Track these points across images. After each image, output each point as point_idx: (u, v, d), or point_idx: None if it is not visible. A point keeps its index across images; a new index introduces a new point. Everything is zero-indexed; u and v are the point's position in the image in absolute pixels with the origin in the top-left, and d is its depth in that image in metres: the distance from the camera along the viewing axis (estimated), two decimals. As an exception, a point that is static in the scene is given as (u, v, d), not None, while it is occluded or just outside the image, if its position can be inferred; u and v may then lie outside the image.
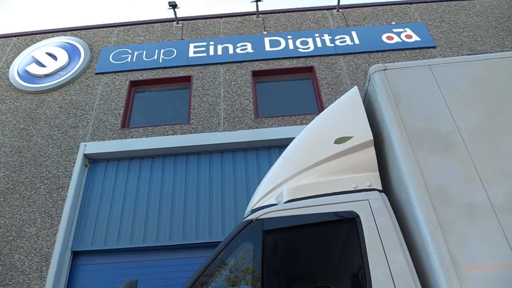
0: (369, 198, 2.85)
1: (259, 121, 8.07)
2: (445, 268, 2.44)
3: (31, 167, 7.81)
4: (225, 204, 7.13)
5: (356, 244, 2.68)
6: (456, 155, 2.86)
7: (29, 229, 7.07)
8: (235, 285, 2.76)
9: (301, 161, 3.29)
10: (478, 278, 2.44)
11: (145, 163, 7.79)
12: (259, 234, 2.70)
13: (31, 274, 6.64)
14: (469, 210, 2.64)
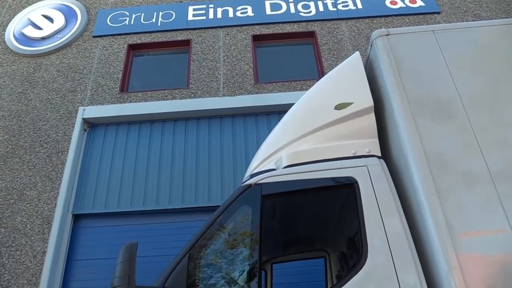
0: (367, 164, 2.86)
1: (258, 86, 7.99)
2: (440, 233, 2.48)
3: (30, 131, 7.80)
4: (224, 169, 7.17)
5: (353, 209, 2.71)
6: (456, 122, 2.85)
7: (30, 192, 7.14)
8: (234, 247, 2.81)
9: (301, 126, 3.28)
10: (472, 243, 2.48)
11: (144, 128, 7.78)
12: (258, 199, 2.72)
13: (33, 236, 6.76)
14: (467, 177, 2.65)
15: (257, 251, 2.64)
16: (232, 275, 2.76)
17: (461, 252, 2.43)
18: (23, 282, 6.43)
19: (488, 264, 2.44)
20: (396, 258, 2.48)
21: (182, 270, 2.52)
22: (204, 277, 2.71)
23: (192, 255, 2.60)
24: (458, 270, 2.38)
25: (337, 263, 4.01)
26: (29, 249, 6.65)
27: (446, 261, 2.42)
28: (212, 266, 2.76)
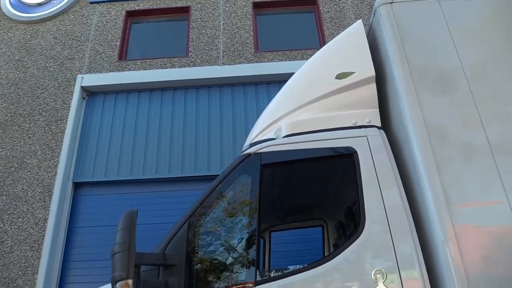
0: (367, 134, 2.85)
1: (259, 55, 7.88)
2: (438, 204, 2.49)
3: (28, 99, 7.75)
4: (224, 138, 7.17)
5: (352, 179, 2.72)
6: (458, 94, 2.82)
7: (30, 160, 7.16)
8: (233, 216, 2.84)
9: (301, 96, 3.24)
10: (469, 214, 2.50)
11: (144, 97, 7.73)
12: (257, 168, 2.72)
13: (35, 204, 6.83)
14: (466, 149, 2.64)
15: (255, 219, 2.67)
16: (231, 242, 2.79)
17: (458, 222, 2.45)
18: (25, 248, 6.55)
19: (483, 235, 2.46)
20: (393, 228, 2.51)
21: (182, 237, 2.55)
22: (204, 244, 2.75)
23: (192, 222, 2.63)
24: (454, 240, 2.41)
25: (334, 232, 4.06)
26: (31, 216, 6.74)
27: (443, 231, 2.44)
28: (211, 233, 2.79)
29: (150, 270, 2.48)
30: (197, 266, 2.62)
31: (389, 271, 2.39)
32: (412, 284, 2.37)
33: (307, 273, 2.45)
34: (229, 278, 2.64)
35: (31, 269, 6.39)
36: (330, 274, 2.43)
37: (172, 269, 2.45)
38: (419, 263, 2.41)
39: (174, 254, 2.48)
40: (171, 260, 2.46)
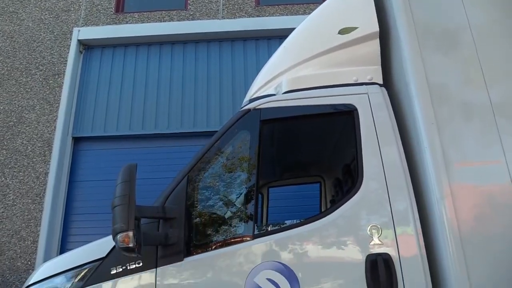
0: (368, 92, 2.81)
1: (260, 9, 7.66)
2: (435, 162, 2.50)
3: (24, 52, 7.61)
4: (223, 94, 7.12)
5: (351, 136, 2.71)
6: (463, 52, 2.76)
7: (29, 115, 7.14)
8: (232, 171, 2.86)
9: (302, 51, 3.17)
10: (466, 173, 2.51)
11: (142, 51, 7.59)
12: (257, 124, 2.70)
13: (35, 158, 6.88)
14: (467, 109, 2.62)
15: (254, 175, 2.68)
16: (229, 197, 2.83)
17: (454, 181, 2.47)
18: (27, 201, 6.66)
19: (479, 194, 2.48)
20: (390, 185, 2.53)
21: (181, 191, 2.57)
22: (203, 199, 2.78)
23: (191, 177, 2.65)
24: (449, 198, 2.43)
25: (332, 188, 4.11)
26: (32, 170, 6.81)
27: (439, 189, 2.46)
28: (210, 188, 2.82)
29: (150, 223, 2.52)
30: (196, 220, 2.67)
31: (384, 226, 2.43)
32: (406, 239, 2.42)
33: (304, 227, 2.50)
34: (227, 232, 2.70)
35: (34, 221, 6.53)
36: (327, 229, 2.48)
37: (172, 222, 2.49)
38: (414, 220, 2.45)
39: (173, 207, 2.52)
40: (171, 213, 2.50)
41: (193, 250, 2.50)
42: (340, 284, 2.39)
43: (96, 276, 2.49)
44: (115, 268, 2.47)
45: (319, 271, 2.42)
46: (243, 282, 2.37)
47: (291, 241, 2.46)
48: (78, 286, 2.50)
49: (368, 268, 2.34)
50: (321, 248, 2.45)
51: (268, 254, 2.44)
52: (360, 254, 2.39)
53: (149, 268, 2.44)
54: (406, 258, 2.38)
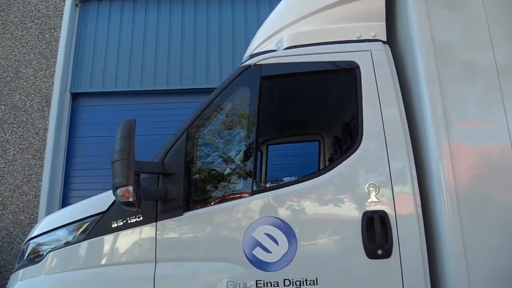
0: (371, 49, 2.75)
1: (261, -38, 7.38)
2: (436, 121, 2.49)
3: (19, 5, 7.39)
4: (223, 49, 6.99)
5: (352, 95, 2.68)
6: (471, 11, 2.68)
7: (26, 70, 7.04)
8: (231, 128, 2.85)
9: (305, 6, 3.07)
10: (466, 133, 2.51)
11: (139, 4, 7.38)
12: (257, 80, 2.66)
13: (34, 113, 6.85)
14: (472, 69, 2.58)
15: (253, 132, 2.68)
16: (229, 154, 2.83)
17: (454, 141, 2.47)
18: (28, 157, 6.70)
19: (478, 154, 2.49)
20: (390, 144, 2.53)
21: (180, 147, 2.57)
22: (202, 155, 2.79)
23: (190, 133, 2.64)
24: (448, 157, 2.44)
25: (331, 147, 4.12)
26: (31, 126, 6.80)
27: (438, 148, 2.47)
28: (209, 145, 2.82)
29: (149, 178, 2.54)
30: (195, 175, 2.68)
31: (382, 185, 2.46)
32: (403, 198, 2.45)
33: (302, 184, 2.52)
34: (226, 188, 2.73)
35: (35, 176, 6.60)
36: (324, 186, 2.50)
37: (171, 177, 2.51)
38: (412, 179, 2.47)
39: (173, 163, 2.52)
40: (170, 169, 2.51)
41: (192, 205, 2.54)
42: (336, 240, 2.44)
43: (97, 230, 2.54)
44: (115, 222, 2.52)
45: (316, 227, 2.46)
46: (241, 237, 2.41)
47: (289, 198, 2.49)
48: (80, 239, 2.55)
49: (364, 224, 2.38)
50: (319, 205, 2.49)
51: (266, 209, 2.47)
52: (357, 211, 2.43)
53: (149, 222, 2.48)
54: (402, 216, 2.41)
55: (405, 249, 2.36)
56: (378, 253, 2.34)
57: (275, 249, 2.38)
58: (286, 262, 2.36)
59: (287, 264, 2.36)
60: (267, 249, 2.38)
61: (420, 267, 2.35)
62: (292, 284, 2.34)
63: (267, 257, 2.37)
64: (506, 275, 2.35)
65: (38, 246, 2.67)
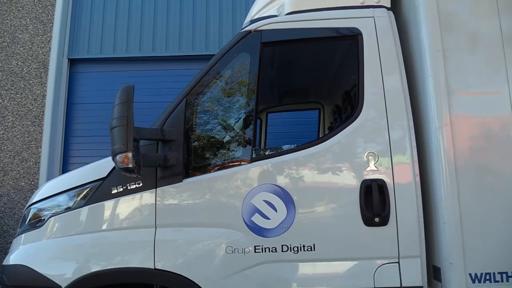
0: (375, 15, 2.68)
1: None
2: (438, 91, 2.49)
3: (12, -34, 7.19)
4: (223, 15, 6.84)
5: (353, 62, 2.64)
6: (477, -21, 2.61)
7: (22, 35, 6.92)
8: (230, 95, 2.82)
9: (307, -30, 2.99)
10: (467, 103, 2.50)
11: (137, -32, 7.17)
12: (257, 46, 2.61)
13: (31, 80, 6.78)
14: (476, 38, 2.55)
15: (253, 99, 2.66)
16: (228, 121, 2.82)
17: (455, 110, 2.47)
18: (27, 123, 6.68)
19: (478, 125, 2.50)
20: (390, 113, 2.52)
21: (180, 113, 2.56)
22: (201, 122, 2.77)
23: (189, 100, 2.62)
24: (448, 127, 2.44)
25: (330, 115, 4.10)
26: (29, 93, 6.75)
27: (439, 117, 2.46)
28: (208, 112, 2.80)
29: (148, 145, 2.54)
30: (194, 142, 2.68)
31: (381, 154, 2.46)
32: (402, 167, 2.46)
33: (301, 152, 2.53)
34: (225, 155, 2.73)
35: (35, 143, 6.60)
36: (323, 155, 2.51)
37: (170, 144, 2.51)
38: (411, 148, 2.47)
39: (172, 129, 2.52)
40: (169, 136, 2.50)
41: (191, 172, 2.55)
42: (334, 207, 2.47)
43: (97, 195, 2.56)
44: (115, 188, 2.54)
45: (315, 195, 2.49)
46: (240, 203, 2.44)
47: (288, 165, 2.50)
48: (80, 204, 2.58)
49: (363, 192, 2.41)
50: (317, 173, 2.50)
51: (265, 177, 2.49)
52: (356, 180, 2.45)
53: (149, 188, 2.50)
54: (400, 185, 2.43)
55: (402, 217, 2.40)
56: (375, 221, 2.38)
57: (274, 215, 2.41)
58: (284, 228, 2.40)
59: (285, 230, 2.39)
60: (266, 216, 2.41)
61: (416, 235, 2.39)
62: (290, 250, 2.38)
63: (266, 224, 2.40)
64: (501, 244, 2.40)
65: (39, 212, 2.70)
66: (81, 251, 2.52)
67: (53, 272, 2.46)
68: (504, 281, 2.36)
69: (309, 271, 2.43)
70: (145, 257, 2.41)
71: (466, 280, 2.35)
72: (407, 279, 2.36)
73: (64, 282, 2.42)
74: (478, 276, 2.36)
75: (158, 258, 2.40)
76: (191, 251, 2.46)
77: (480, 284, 2.35)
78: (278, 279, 2.40)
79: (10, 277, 2.60)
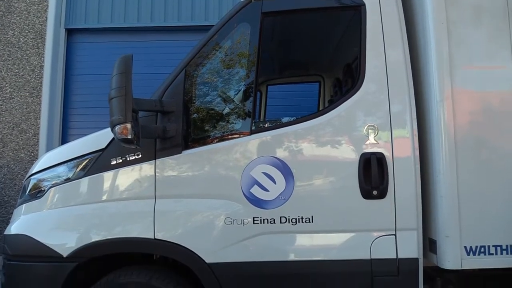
0: None
1: None
2: (440, 64, 2.47)
3: None
4: (224, -16, 6.70)
5: (356, 34, 2.60)
6: None
7: (18, 4, 6.79)
8: (230, 67, 2.79)
9: None
10: (470, 77, 2.48)
11: None
12: (257, 16, 2.55)
13: (28, 50, 6.70)
14: (481, 11, 2.51)
15: (253, 71, 2.63)
16: (228, 93, 2.80)
17: (457, 84, 2.46)
18: (25, 94, 6.64)
19: (480, 99, 2.48)
20: (391, 86, 2.50)
21: (179, 85, 2.53)
22: (201, 94, 2.75)
23: (189, 71, 2.58)
24: (449, 100, 2.44)
25: (331, 88, 4.07)
26: (26, 63, 6.67)
27: (440, 91, 2.45)
28: (208, 84, 2.78)
29: (147, 116, 2.52)
30: (194, 114, 2.67)
31: (381, 127, 2.46)
32: (402, 140, 2.46)
33: (301, 125, 2.52)
34: (225, 127, 2.72)
35: (33, 114, 6.58)
36: (323, 127, 2.50)
37: (169, 115, 2.49)
38: (411, 121, 2.47)
39: (171, 101, 2.50)
40: (168, 107, 2.48)
41: (191, 144, 2.55)
42: (332, 180, 2.49)
43: (97, 166, 2.56)
44: (115, 159, 2.54)
45: (314, 167, 2.49)
46: (239, 175, 2.45)
47: (287, 138, 2.49)
48: (79, 175, 2.59)
49: (361, 166, 2.41)
50: (317, 146, 2.50)
51: (265, 149, 2.49)
52: (355, 153, 2.45)
53: (148, 159, 2.50)
54: (399, 158, 2.44)
55: (400, 190, 2.41)
56: (373, 193, 2.39)
57: (273, 187, 2.42)
58: (283, 200, 2.41)
59: (284, 202, 2.41)
60: (265, 188, 2.42)
61: (413, 208, 2.41)
62: (288, 221, 2.41)
63: (265, 195, 2.42)
64: (497, 217, 2.43)
65: (39, 182, 2.71)
66: (81, 221, 2.55)
67: (54, 242, 2.49)
68: (498, 254, 2.40)
69: (306, 243, 2.47)
70: (145, 228, 2.44)
71: (461, 252, 2.39)
72: (403, 251, 2.40)
73: (65, 251, 2.46)
74: (473, 249, 2.40)
75: (158, 229, 2.43)
76: (191, 222, 2.48)
77: (474, 257, 2.39)
78: (276, 250, 2.44)
79: (12, 247, 2.64)
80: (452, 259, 2.39)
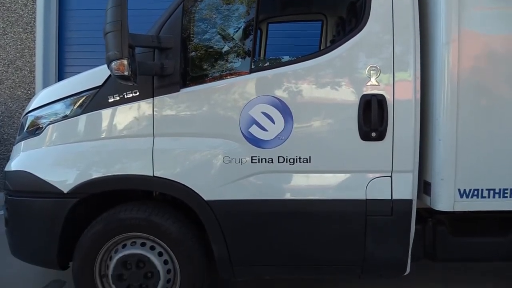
0: None
1: None
2: (449, 3, 2.39)
3: None
4: None
5: None
6: None
7: None
8: (230, 3, 2.67)
9: None
10: (479, 18, 2.41)
11: None
12: None
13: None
14: None
15: (253, 8, 2.53)
16: (227, 31, 2.71)
17: (465, 26, 2.38)
18: (18, 30, 6.46)
19: (487, 43, 2.43)
20: (397, 26, 2.41)
21: (176, 20, 2.43)
22: (199, 31, 2.66)
23: (187, 6, 2.48)
24: (456, 43, 2.38)
25: (334, 27, 3.94)
26: (18, -4, 6.44)
27: (447, 33, 2.39)
28: (207, 20, 2.68)
29: (144, 52, 2.45)
30: (192, 52, 2.60)
31: (384, 69, 2.40)
32: (404, 83, 2.42)
33: (301, 64, 2.47)
34: (224, 65, 2.66)
35: (28, 51, 6.44)
36: (324, 68, 2.45)
37: (167, 52, 2.42)
38: (415, 63, 2.42)
39: (169, 36, 2.41)
40: (166, 43, 2.41)
41: (189, 82, 2.50)
42: (332, 121, 2.47)
43: (94, 104, 2.54)
44: (112, 97, 2.50)
45: (313, 108, 2.47)
46: (238, 114, 2.43)
47: (287, 77, 2.45)
48: (77, 112, 2.57)
49: (361, 107, 2.39)
50: (317, 86, 2.46)
51: (264, 88, 2.45)
52: (355, 94, 2.42)
53: (146, 97, 2.47)
54: (400, 101, 2.41)
55: (398, 132, 2.41)
56: (372, 135, 2.39)
57: (271, 127, 2.41)
58: (281, 140, 2.42)
59: (282, 142, 2.42)
60: (263, 127, 2.42)
61: (410, 151, 2.43)
62: (286, 161, 2.43)
63: (263, 135, 2.42)
64: (492, 162, 2.46)
65: (37, 119, 2.70)
66: (81, 158, 2.56)
67: (55, 178, 2.53)
68: (491, 197, 2.45)
69: (303, 182, 2.50)
70: (144, 165, 2.46)
71: (455, 195, 2.44)
72: (398, 193, 2.44)
73: (66, 187, 2.50)
74: (467, 192, 2.45)
75: (156, 167, 2.45)
76: (189, 160, 2.50)
77: (467, 199, 2.45)
78: (273, 188, 2.48)
79: (13, 183, 2.68)
80: (445, 201, 2.45)
